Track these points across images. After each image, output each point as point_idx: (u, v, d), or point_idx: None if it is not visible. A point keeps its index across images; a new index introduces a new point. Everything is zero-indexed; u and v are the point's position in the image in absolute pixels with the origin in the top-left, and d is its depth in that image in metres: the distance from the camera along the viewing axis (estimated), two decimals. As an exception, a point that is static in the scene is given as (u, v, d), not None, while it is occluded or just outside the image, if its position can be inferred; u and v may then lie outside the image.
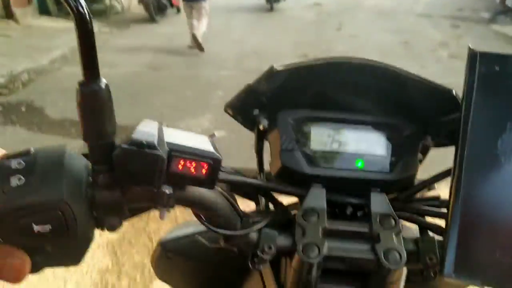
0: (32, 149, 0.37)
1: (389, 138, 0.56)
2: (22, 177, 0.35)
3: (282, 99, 0.57)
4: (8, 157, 0.36)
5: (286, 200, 0.58)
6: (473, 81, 0.42)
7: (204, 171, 0.39)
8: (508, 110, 0.42)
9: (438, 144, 0.59)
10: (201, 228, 0.52)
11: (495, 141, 0.42)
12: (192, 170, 0.39)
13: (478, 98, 0.42)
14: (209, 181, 0.40)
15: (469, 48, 0.43)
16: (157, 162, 0.36)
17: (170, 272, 0.68)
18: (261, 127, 0.57)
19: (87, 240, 0.40)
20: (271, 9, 9.56)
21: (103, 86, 0.35)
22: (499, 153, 0.42)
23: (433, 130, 0.57)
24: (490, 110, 0.42)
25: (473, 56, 0.42)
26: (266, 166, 0.60)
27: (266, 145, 0.60)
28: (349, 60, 0.54)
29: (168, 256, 0.64)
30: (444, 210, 0.54)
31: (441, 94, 0.53)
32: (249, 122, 0.59)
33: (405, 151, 0.55)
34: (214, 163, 0.39)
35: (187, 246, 0.60)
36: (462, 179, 0.42)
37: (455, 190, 0.42)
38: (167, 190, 0.38)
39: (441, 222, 0.51)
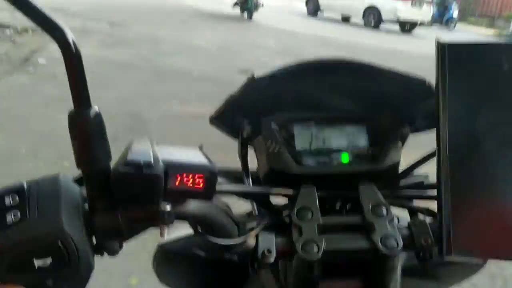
0: (24, 183, 0.36)
1: (369, 131, 0.58)
2: (18, 213, 0.34)
3: (264, 105, 0.58)
4: (0, 194, 0.35)
5: (275, 202, 0.59)
6: (444, 69, 0.44)
7: (201, 183, 0.39)
8: (480, 92, 0.45)
9: (415, 130, 0.61)
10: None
11: (472, 121, 0.44)
12: (190, 184, 0.39)
13: (451, 84, 0.44)
14: (207, 192, 0.40)
15: (437, 40, 0.45)
16: (155, 182, 0.36)
17: (171, 275, 0.68)
18: (245, 134, 0.58)
19: (89, 269, 0.39)
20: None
21: (94, 113, 0.35)
22: (477, 132, 0.44)
23: (409, 118, 0.59)
24: (464, 94, 0.44)
25: (442, 48, 0.44)
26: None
27: (250, 152, 0.61)
28: (324, 60, 0.55)
29: (169, 258, 0.63)
30: (432, 191, 0.56)
31: (415, 83, 0.55)
32: (232, 131, 0.60)
33: (386, 141, 0.57)
34: (210, 175, 0.39)
35: (187, 247, 0.59)
36: (447, 159, 0.44)
37: (442, 170, 0.44)
38: (167, 207, 0.38)
39: (430, 204, 0.53)
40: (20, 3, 0.31)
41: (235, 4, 10.21)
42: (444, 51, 0.44)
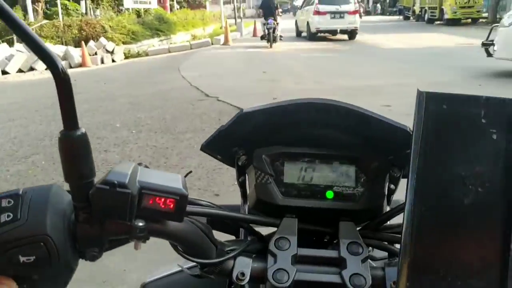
0: (20, 190, 0.42)
1: (358, 171, 0.59)
2: (10, 213, 0.40)
3: (256, 138, 0.60)
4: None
5: (267, 230, 0.62)
6: (420, 119, 0.45)
7: (172, 206, 0.43)
8: (455, 145, 0.45)
9: (406, 175, 0.62)
10: (185, 264, 0.56)
11: (443, 173, 0.45)
12: (162, 205, 0.43)
13: (427, 134, 0.44)
14: (177, 215, 0.44)
15: (418, 90, 0.46)
16: (127, 199, 0.40)
17: None
18: (240, 163, 0.62)
19: (70, 270, 0.44)
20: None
21: (81, 133, 0.40)
22: (446, 184, 0.45)
23: (399, 163, 0.60)
24: (439, 145, 0.45)
25: (421, 97, 0.45)
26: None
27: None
28: (314, 101, 0.58)
29: None
30: None
31: (398, 131, 0.57)
32: (228, 159, 0.63)
33: (372, 183, 0.59)
34: (181, 199, 0.43)
35: (170, 285, 0.61)
36: (414, 211, 0.44)
37: (406, 219, 0.44)
38: (140, 223, 0.42)
39: None
40: (20, 32, 0.36)
41: (262, 37, 14.59)
42: (423, 100, 0.45)
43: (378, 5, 46.84)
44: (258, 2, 52.27)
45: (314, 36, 16.24)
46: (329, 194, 0.59)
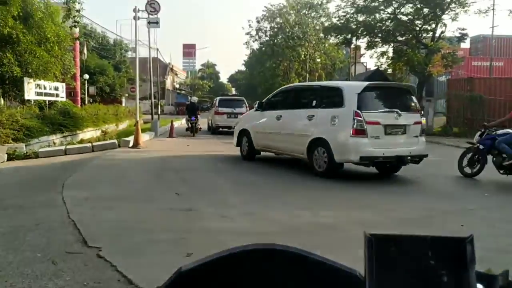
0: None
1: None
2: None
3: None
4: None
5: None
6: (371, 262, 0.45)
7: None
8: (408, 286, 0.45)
9: None
10: None
11: None
12: None
13: (379, 277, 0.45)
14: None
15: (365, 233, 0.47)
16: None
17: None
18: None
19: None
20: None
21: None
22: None
23: None
24: (393, 285, 0.45)
25: (369, 240, 0.46)
26: None
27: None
28: (258, 248, 0.53)
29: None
30: None
31: (346, 275, 0.52)
32: None
33: None
34: None
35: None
36: None
37: None
38: None
39: None
40: None
41: (186, 129, 19.02)
42: (371, 244, 0.46)
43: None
44: (177, 100, 52.55)
45: (215, 130, 19.96)
46: None
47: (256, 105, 10.19)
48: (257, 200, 6.26)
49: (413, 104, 8.30)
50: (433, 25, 23.50)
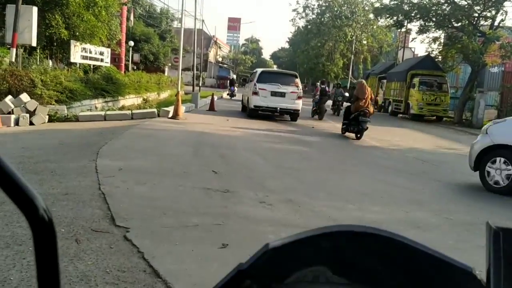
0: None
1: None
2: None
3: (276, 273, 0.50)
4: None
5: None
6: (498, 259, 0.41)
7: None
8: None
9: None
10: None
11: None
12: None
13: (507, 275, 0.40)
14: None
15: (489, 225, 0.42)
16: None
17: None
18: None
19: None
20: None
21: None
22: None
23: None
24: None
25: (496, 234, 0.42)
26: None
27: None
28: (350, 229, 0.48)
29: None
30: None
31: (458, 272, 0.46)
32: None
33: None
34: None
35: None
36: None
37: None
38: None
39: None
40: None
41: (228, 94, 22.85)
42: (499, 238, 0.42)
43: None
44: (219, 73, 52.46)
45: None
46: None
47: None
48: (299, 187, 5.78)
49: (293, 82, 15.46)
50: (493, 12, 21.84)
